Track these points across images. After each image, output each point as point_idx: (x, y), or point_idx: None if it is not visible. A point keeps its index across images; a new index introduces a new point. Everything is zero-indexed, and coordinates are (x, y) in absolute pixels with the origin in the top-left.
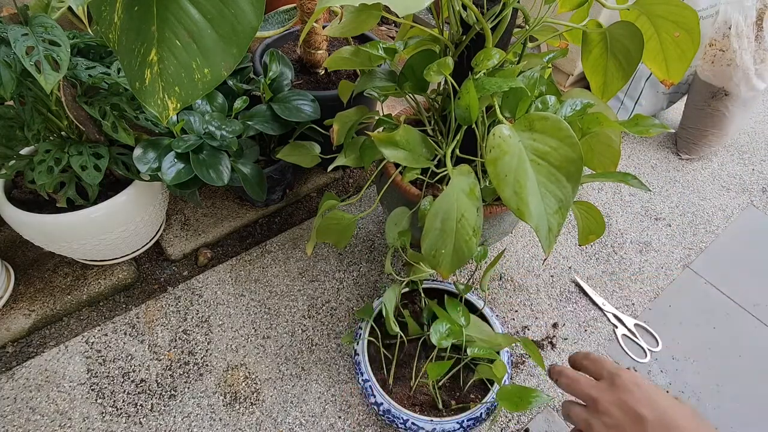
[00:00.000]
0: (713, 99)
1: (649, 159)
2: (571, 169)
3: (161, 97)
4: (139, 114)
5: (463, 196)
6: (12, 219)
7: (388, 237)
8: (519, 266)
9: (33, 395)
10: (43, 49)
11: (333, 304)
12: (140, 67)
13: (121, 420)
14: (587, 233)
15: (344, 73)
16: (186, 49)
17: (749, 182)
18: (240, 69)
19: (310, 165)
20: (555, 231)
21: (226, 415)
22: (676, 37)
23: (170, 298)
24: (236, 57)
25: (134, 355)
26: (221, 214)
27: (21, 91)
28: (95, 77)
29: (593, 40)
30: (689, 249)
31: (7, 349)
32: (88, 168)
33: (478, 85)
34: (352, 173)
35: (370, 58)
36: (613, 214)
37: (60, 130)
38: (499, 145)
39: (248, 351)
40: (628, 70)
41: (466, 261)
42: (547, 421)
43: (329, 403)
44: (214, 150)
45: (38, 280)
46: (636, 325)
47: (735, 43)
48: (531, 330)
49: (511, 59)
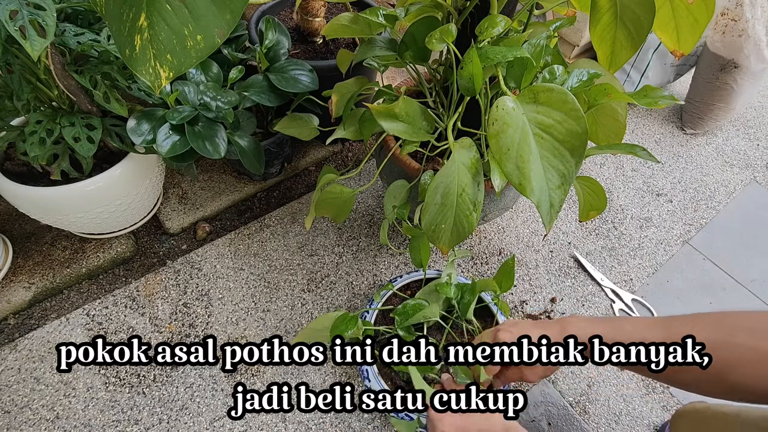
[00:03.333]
0: (722, 72)
1: (653, 133)
2: (575, 144)
3: (153, 65)
4: (132, 84)
5: (465, 170)
6: (6, 192)
7: (386, 210)
8: (518, 241)
9: (36, 366)
10: (28, 13)
11: (332, 278)
12: (129, 33)
13: (125, 390)
14: (588, 209)
15: (343, 41)
16: (177, 13)
17: (753, 158)
18: (235, 37)
19: (308, 138)
20: (557, 207)
21: (227, 386)
22: (689, 3)
23: (170, 271)
24: (230, 23)
25: (135, 328)
26: (219, 187)
27: (8, 59)
28: (84, 44)
29: (602, 7)
30: (689, 225)
31: (9, 321)
32: (81, 140)
33: (482, 54)
34: (351, 146)
35: (369, 25)
36: (615, 189)
37: (51, 101)
38: (502, 118)
39: (248, 324)
40: (638, 40)
41: (467, 236)
42: (543, 393)
43: (329, 374)
44: (210, 122)
45: (36, 253)
46: (633, 300)
47: (748, 12)
48: (529, 304)
49: (516, 28)
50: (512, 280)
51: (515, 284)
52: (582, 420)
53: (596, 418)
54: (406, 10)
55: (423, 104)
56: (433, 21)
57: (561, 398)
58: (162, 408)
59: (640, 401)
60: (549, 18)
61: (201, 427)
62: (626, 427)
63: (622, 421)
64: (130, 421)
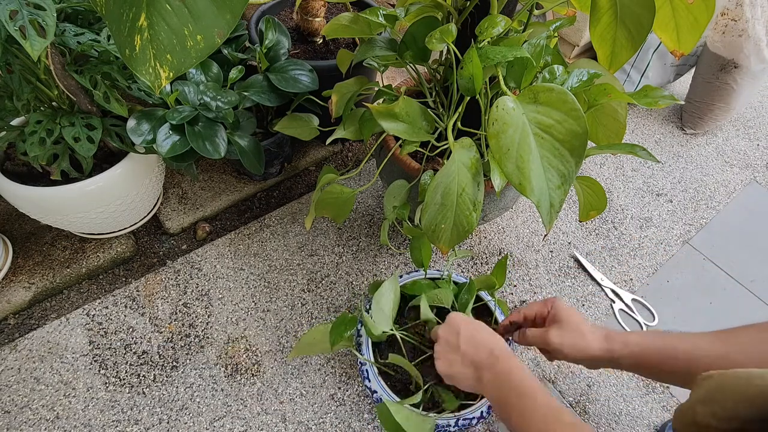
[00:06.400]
0: (722, 71)
1: (653, 133)
2: (575, 144)
3: (153, 65)
4: (132, 84)
5: (465, 169)
6: (6, 192)
7: (386, 210)
8: (518, 241)
9: (37, 366)
10: (28, 13)
11: (332, 278)
12: (129, 33)
13: (125, 390)
14: (588, 209)
15: (343, 41)
16: (177, 13)
17: (753, 158)
18: (235, 37)
19: (308, 138)
20: (557, 207)
21: (227, 386)
22: (689, 3)
23: (170, 271)
24: (230, 23)
25: (135, 328)
26: (219, 187)
27: (8, 59)
28: (84, 44)
29: (602, 7)
30: (689, 225)
31: (9, 321)
32: (81, 140)
33: (482, 54)
34: (351, 146)
35: (369, 25)
36: (615, 189)
37: (51, 101)
38: (502, 118)
39: (248, 324)
40: (638, 40)
41: (467, 236)
42: None
43: (329, 374)
44: (210, 122)
45: (36, 253)
46: (633, 300)
47: (748, 12)
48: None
49: (516, 28)
50: (504, 276)
51: (515, 284)
52: (582, 420)
53: (596, 418)
54: (406, 10)
55: (423, 104)
56: (433, 21)
57: (561, 398)
58: (162, 408)
59: (640, 401)
60: (549, 18)
61: (201, 427)
62: (626, 427)
63: (622, 421)
64: (130, 421)
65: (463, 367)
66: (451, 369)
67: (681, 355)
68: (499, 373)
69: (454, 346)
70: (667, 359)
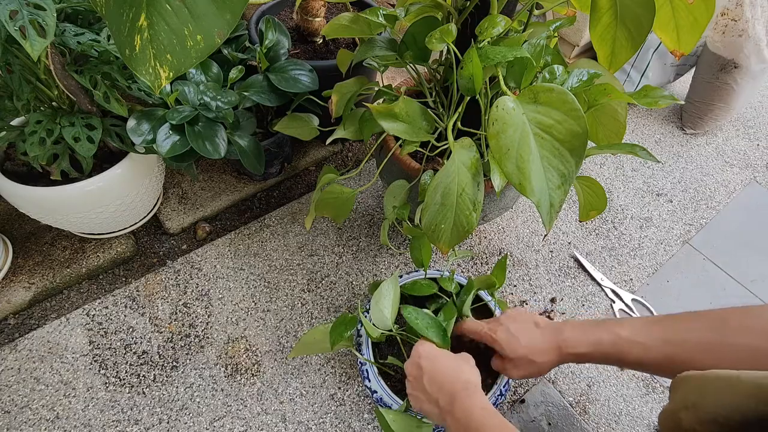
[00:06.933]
0: (722, 71)
1: (653, 133)
2: (575, 144)
3: (153, 65)
4: (132, 83)
5: (465, 169)
6: (6, 192)
7: (386, 210)
8: (518, 241)
9: (37, 366)
10: (28, 13)
11: (332, 278)
12: (129, 33)
13: (125, 390)
14: (588, 209)
15: (343, 41)
16: (177, 13)
17: (753, 158)
18: (235, 37)
19: (308, 138)
20: (557, 207)
21: (227, 386)
22: (689, 3)
23: (170, 271)
24: (230, 23)
25: (135, 328)
26: (219, 187)
27: (7, 59)
28: (84, 44)
29: (602, 7)
30: (689, 225)
31: (9, 321)
32: (81, 140)
33: (482, 54)
34: (351, 146)
35: (369, 25)
36: (615, 189)
37: (51, 101)
38: (502, 118)
39: (248, 324)
40: (638, 40)
41: (467, 236)
42: (543, 393)
43: (329, 374)
44: (210, 122)
45: (36, 253)
46: (633, 300)
47: (748, 12)
48: (529, 304)
49: (516, 28)
50: (504, 276)
51: (515, 284)
52: (582, 420)
53: (596, 418)
54: (406, 10)
55: (423, 104)
56: (433, 21)
57: (561, 398)
58: (162, 408)
59: (640, 401)
60: (549, 18)
61: (201, 427)
62: (626, 427)
63: (622, 421)
64: (130, 421)
65: (430, 406)
66: (420, 406)
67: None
68: (459, 418)
69: (419, 384)
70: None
